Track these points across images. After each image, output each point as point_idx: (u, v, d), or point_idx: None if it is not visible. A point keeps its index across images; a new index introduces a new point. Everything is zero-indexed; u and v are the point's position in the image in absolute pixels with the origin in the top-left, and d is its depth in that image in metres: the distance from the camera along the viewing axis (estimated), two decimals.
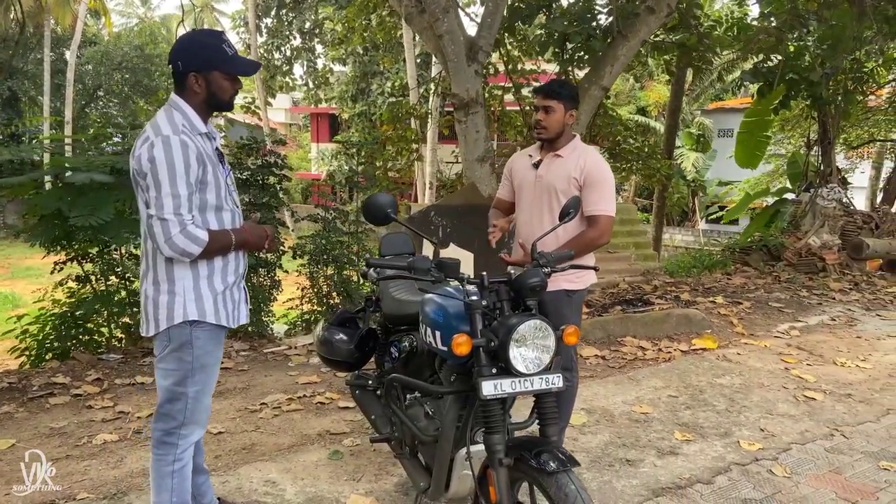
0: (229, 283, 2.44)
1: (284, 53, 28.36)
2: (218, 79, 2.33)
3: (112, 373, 4.92)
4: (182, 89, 2.34)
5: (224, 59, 2.32)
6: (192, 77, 2.30)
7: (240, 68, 2.37)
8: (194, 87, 2.31)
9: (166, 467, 2.38)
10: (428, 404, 2.70)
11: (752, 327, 6.12)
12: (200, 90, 2.32)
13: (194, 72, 2.29)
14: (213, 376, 2.48)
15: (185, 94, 2.34)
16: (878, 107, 14.59)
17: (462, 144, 7.42)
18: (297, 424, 4.03)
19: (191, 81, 2.31)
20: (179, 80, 2.33)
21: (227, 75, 2.34)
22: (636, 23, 7.23)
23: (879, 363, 5.18)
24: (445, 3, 6.97)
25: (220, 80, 2.33)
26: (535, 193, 3.18)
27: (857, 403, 4.36)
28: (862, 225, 9.51)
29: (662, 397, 4.42)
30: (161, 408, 2.41)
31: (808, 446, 3.73)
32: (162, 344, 2.37)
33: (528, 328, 2.20)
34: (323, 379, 4.83)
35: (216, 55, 2.31)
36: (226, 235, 2.37)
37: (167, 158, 2.19)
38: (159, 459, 2.39)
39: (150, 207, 2.23)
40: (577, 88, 3.20)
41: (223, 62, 2.31)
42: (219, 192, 2.37)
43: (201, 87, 2.32)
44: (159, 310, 2.33)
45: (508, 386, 2.22)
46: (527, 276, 2.30)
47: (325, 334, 3.21)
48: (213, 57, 2.31)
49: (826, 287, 7.75)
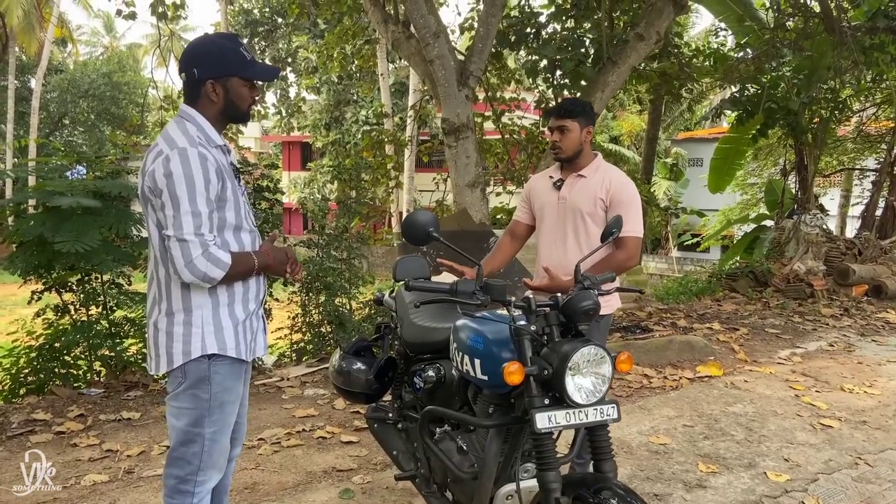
0: (250, 310, 2.22)
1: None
2: (237, 86, 2.13)
3: (95, 408, 4.62)
4: (195, 99, 2.14)
5: (243, 64, 2.13)
6: (209, 85, 2.10)
7: (260, 74, 2.19)
8: (211, 95, 2.11)
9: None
10: (460, 438, 2.52)
11: (753, 354, 6.04)
12: (218, 99, 2.12)
13: (212, 79, 2.10)
14: (232, 415, 2.24)
15: (198, 104, 2.13)
16: (846, 136, 14.93)
17: (452, 170, 7.32)
18: (300, 461, 3.79)
19: (207, 89, 2.11)
20: (193, 89, 2.13)
21: (246, 82, 2.15)
22: (626, 49, 7.25)
23: (887, 389, 5.11)
24: (436, 29, 6.92)
25: (239, 88, 2.14)
26: (559, 216, 3.04)
27: (875, 431, 4.26)
28: (845, 251, 9.59)
29: (678, 427, 4.28)
30: (174, 451, 2.16)
31: (835, 476, 3.61)
32: (176, 381, 2.13)
33: (585, 355, 2.05)
34: (321, 412, 4.60)
35: (235, 60, 2.12)
36: (248, 258, 2.16)
37: (185, 173, 1.99)
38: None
39: (168, 228, 2.01)
40: (591, 105, 3.10)
41: (242, 67, 2.12)
42: (238, 211, 2.16)
43: (219, 95, 2.12)
44: (174, 343, 2.09)
45: (563, 418, 2.05)
46: (578, 299, 2.14)
47: (341, 364, 3.02)
48: (231, 62, 2.11)
49: (818, 313, 7.74)
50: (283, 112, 28.79)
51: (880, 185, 11.65)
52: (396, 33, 7.87)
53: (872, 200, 11.70)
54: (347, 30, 11.36)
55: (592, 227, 2.94)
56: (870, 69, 9.77)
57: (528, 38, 8.22)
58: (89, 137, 31.24)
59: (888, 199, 11.82)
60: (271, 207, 5.94)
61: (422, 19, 6.86)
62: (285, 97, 28.97)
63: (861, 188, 17.38)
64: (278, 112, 28.99)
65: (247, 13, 28.61)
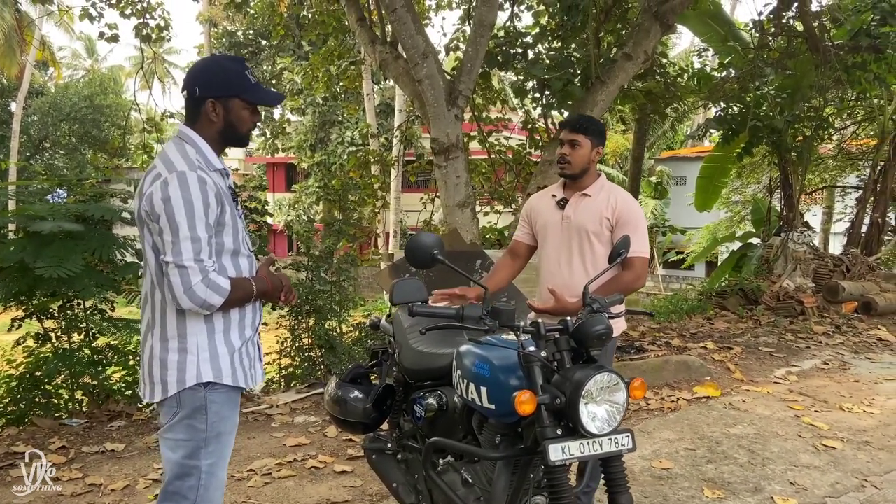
0: (246, 338, 2.14)
1: None
2: (238, 108, 2.08)
3: (77, 440, 4.46)
4: (195, 119, 2.08)
5: (246, 87, 2.08)
6: (209, 104, 2.04)
7: (263, 98, 2.13)
8: (211, 115, 2.06)
9: None
10: (464, 470, 2.41)
11: (749, 373, 5.97)
12: (217, 119, 2.07)
13: (213, 98, 2.04)
14: (229, 446, 2.15)
15: (198, 125, 2.08)
16: (828, 153, 15.08)
17: (442, 190, 7.25)
18: (293, 493, 3.66)
19: (207, 108, 2.05)
20: (194, 108, 2.07)
21: (248, 105, 2.09)
22: (614, 69, 7.25)
23: (885, 407, 5.06)
24: (424, 49, 6.87)
25: (241, 110, 2.09)
26: (563, 235, 2.96)
27: (878, 451, 4.20)
28: (833, 268, 9.61)
29: (679, 451, 4.18)
30: (170, 485, 2.06)
31: (843, 499, 3.53)
32: (171, 411, 2.04)
33: (599, 382, 1.96)
34: (313, 440, 4.46)
35: (238, 81, 2.07)
36: (247, 284, 2.09)
37: (184, 197, 1.92)
38: None
39: (166, 254, 1.94)
40: (604, 125, 3.04)
41: (245, 90, 2.07)
42: (236, 236, 2.10)
43: (219, 115, 2.06)
44: (168, 371, 2.01)
45: (577, 449, 1.96)
46: (590, 323, 2.05)
47: (338, 392, 2.90)
48: (234, 83, 2.06)
49: (810, 330, 7.71)
50: (267, 133, 28.67)
51: (865, 201, 11.72)
52: (384, 54, 7.83)
53: (858, 217, 11.76)
54: (333, 51, 11.35)
55: (598, 247, 2.86)
56: (853, 87, 9.86)
57: (515, 59, 8.21)
58: (70, 160, 30.89)
59: (873, 215, 11.90)
60: (259, 230, 5.84)
61: (410, 39, 6.82)
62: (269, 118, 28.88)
63: (843, 205, 17.55)
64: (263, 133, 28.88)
65: (231, 35, 28.57)
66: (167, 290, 1.97)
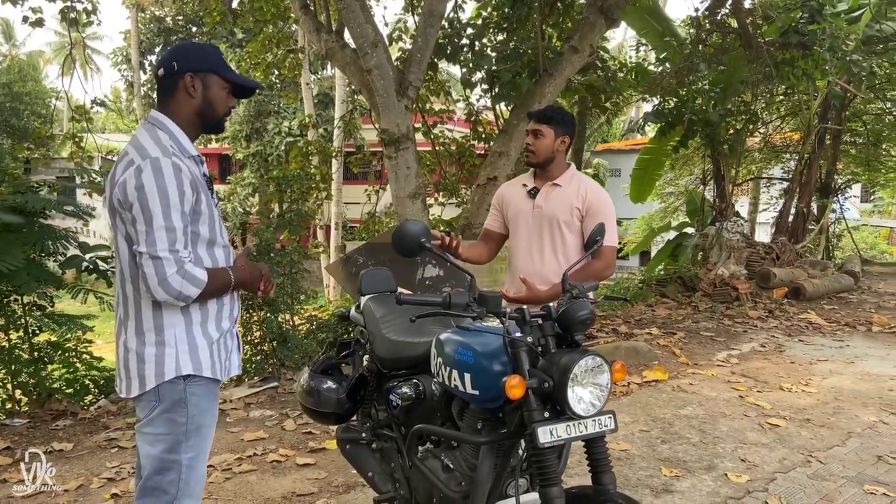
0: (224, 329, 2.10)
1: None
2: (216, 85, 2.03)
3: (22, 440, 4.27)
4: (169, 98, 2.01)
5: (224, 66, 2.04)
6: (188, 77, 1.99)
7: (240, 79, 2.09)
8: (189, 89, 2.00)
9: None
10: (444, 456, 2.42)
11: (693, 357, 6.20)
12: (195, 95, 2.01)
13: (191, 72, 1.99)
14: (209, 439, 2.11)
15: (172, 105, 2.01)
16: (754, 147, 15.72)
17: (392, 181, 7.22)
18: (256, 487, 3.60)
19: (186, 82, 1.99)
20: (170, 86, 2.01)
21: (225, 84, 2.05)
22: (561, 62, 7.36)
23: (822, 387, 5.34)
24: (374, 38, 6.82)
25: (218, 89, 2.04)
26: (534, 224, 3.01)
27: (819, 428, 4.43)
28: (764, 256, 10.04)
29: (635, 432, 4.31)
30: (148, 481, 2.01)
31: (791, 474, 3.71)
32: (149, 405, 1.98)
33: (584, 366, 2.00)
34: (271, 434, 4.40)
35: (217, 60, 2.03)
36: (224, 274, 2.04)
37: (158, 185, 1.86)
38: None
39: (140, 244, 1.88)
40: (571, 116, 3.09)
41: (225, 68, 2.04)
42: (212, 225, 2.05)
43: (196, 91, 2.01)
44: (145, 365, 1.95)
45: (564, 431, 2.00)
46: (575, 308, 2.09)
47: (310, 383, 2.87)
48: (213, 60, 2.02)
49: (746, 315, 8.05)
50: None
51: (792, 192, 12.28)
52: (330, 42, 7.73)
53: (785, 207, 12.32)
54: (271, 38, 11.11)
55: (569, 236, 2.92)
56: (782, 82, 10.29)
57: (463, 50, 8.24)
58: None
59: (798, 205, 12.48)
60: None
61: (359, 28, 6.75)
62: None
63: (768, 195, 18.35)
64: None
65: (159, 21, 27.66)
66: (141, 281, 1.91)
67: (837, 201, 15.41)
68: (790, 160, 15.42)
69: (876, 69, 10.98)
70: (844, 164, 15.91)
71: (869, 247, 21.45)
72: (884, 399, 5.06)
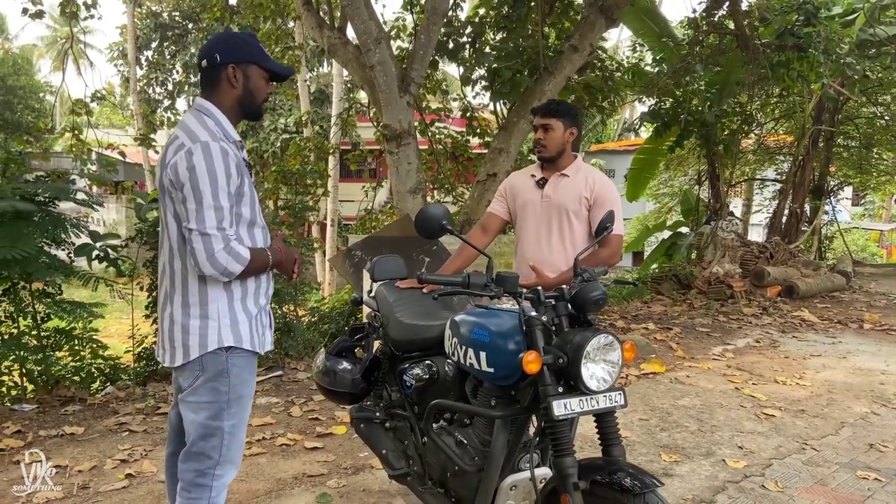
0: (261, 305, 2.22)
1: (166, 87, 27.25)
2: (256, 75, 2.14)
3: (32, 424, 4.34)
4: (213, 88, 2.12)
5: (263, 56, 2.15)
6: (230, 69, 2.09)
7: (278, 67, 2.19)
8: (231, 80, 2.11)
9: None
10: (457, 432, 2.52)
11: (689, 351, 6.32)
12: (237, 86, 2.12)
13: (233, 63, 2.09)
14: (248, 409, 2.22)
15: (216, 94, 2.12)
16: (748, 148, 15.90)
17: (394, 176, 7.31)
18: (266, 469, 3.69)
19: (228, 73, 2.10)
20: (212, 77, 2.11)
21: (264, 73, 2.16)
22: (561, 60, 7.47)
23: (815, 380, 5.46)
24: (377, 34, 6.91)
25: (258, 78, 2.15)
26: (543, 213, 3.11)
27: (813, 418, 4.55)
28: (758, 254, 10.18)
29: (634, 421, 4.42)
30: (193, 446, 2.12)
31: (787, 460, 3.82)
32: (193, 374, 2.09)
33: (597, 343, 2.10)
34: (278, 420, 4.49)
35: (257, 51, 2.14)
36: (264, 254, 2.16)
37: (208, 167, 1.97)
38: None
39: (190, 221, 1.98)
40: (576, 108, 3.20)
41: (264, 58, 2.14)
42: (253, 206, 2.16)
43: (238, 81, 2.11)
44: (190, 336, 2.06)
45: (577, 405, 2.10)
46: (588, 289, 2.20)
47: (327, 364, 2.97)
48: (253, 51, 2.13)
49: (741, 312, 8.18)
50: None
51: (786, 193, 12.44)
52: (332, 39, 7.81)
53: (779, 207, 12.48)
54: (270, 34, 11.18)
55: (577, 225, 3.02)
56: (777, 84, 10.43)
57: (464, 48, 8.33)
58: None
59: (792, 206, 12.65)
60: None
61: (363, 25, 6.83)
62: None
63: (762, 197, 18.54)
64: None
65: (156, 16, 27.62)
66: (190, 256, 2.01)
67: (830, 203, 15.59)
68: (784, 162, 15.60)
69: (869, 73, 11.14)
70: (837, 166, 16.10)
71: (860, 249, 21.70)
72: (875, 392, 5.19)
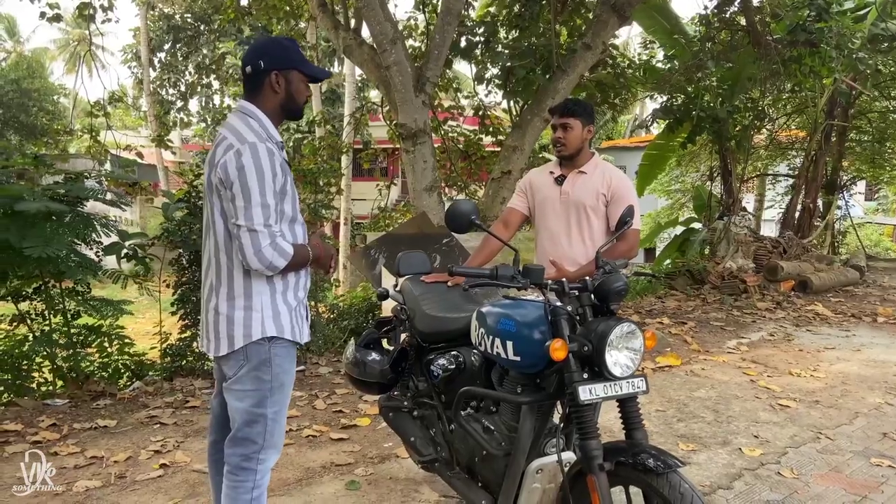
0: (299, 298, 2.34)
1: (179, 88, 27.49)
2: (297, 80, 2.25)
3: (66, 417, 4.48)
4: (257, 93, 2.24)
5: (303, 60, 2.26)
6: (273, 75, 2.21)
7: (317, 71, 2.31)
8: (274, 86, 2.22)
9: (245, 495, 2.21)
10: (485, 419, 2.63)
11: (704, 344, 6.40)
12: (280, 90, 2.23)
13: (276, 70, 2.20)
14: (288, 397, 2.35)
15: (260, 98, 2.24)
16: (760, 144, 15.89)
17: (410, 174, 7.43)
18: (295, 459, 3.81)
19: (272, 80, 2.21)
20: (256, 82, 2.22)
21: (304, 77, 2.27)
22: (574, 58, 7.55)
23: (830, 373, 5.53)
24: (393, 35, 7.02)
25: (299, 82, 2.26)
26: (562, 210, 3.21)
27: (828, 409, 4.62)
28: (772, 249, 10.22)
29: (651, 412, 4.51)
30: (239, 432, 2.25)
31: (802, 449, 3.91)
32: (237, 363, 2.21)
33: (621, 331, 2.20)
34: (303, 412, 4.61)
35: (297, 56, 2.25)
36: (305, 251, 2.28)
37: (256, 166, 2.09)
38: (237, 486, 2.22)
39: (238, 218, 2.10)
40: (592, 106, 3.29)
41: (304, 63, 2.26)
42: (294, 204, 2.29)
43: (281, 87, 2.23)
44: (234, 326, 2.18)
45: (601, 390, 2.20)
46: (611, 280, 2.30)
47: (356, 355, 3.09)
48: (294, 57, 2.24)
49: (754, 307, 8.25)
50: (208, 120, 28.13)
51: (798, 188, 12.45)
52: (348, 40, 7.93)
53: (792, 203, 12.49)
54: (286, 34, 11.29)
55: (595, 221, 3.13)
56: (789, 80, 10.46)
57: (478, 47, 8.43)
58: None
59: (804, 201, 12.66)
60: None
61: (378, 26, 6.95)
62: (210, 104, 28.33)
63: (774, 192, 18.50)
64: (203, 119, 28.33)
65: (168, 18, 27.85)
66: (237, 251, 2.13)
67: (843, 198, 15.57)
68: (796, 157, 15.58)
69: (881, 67, 11.15)
70: (850, 161, 16.06)
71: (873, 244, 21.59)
72: (889, 383, 5.25)
